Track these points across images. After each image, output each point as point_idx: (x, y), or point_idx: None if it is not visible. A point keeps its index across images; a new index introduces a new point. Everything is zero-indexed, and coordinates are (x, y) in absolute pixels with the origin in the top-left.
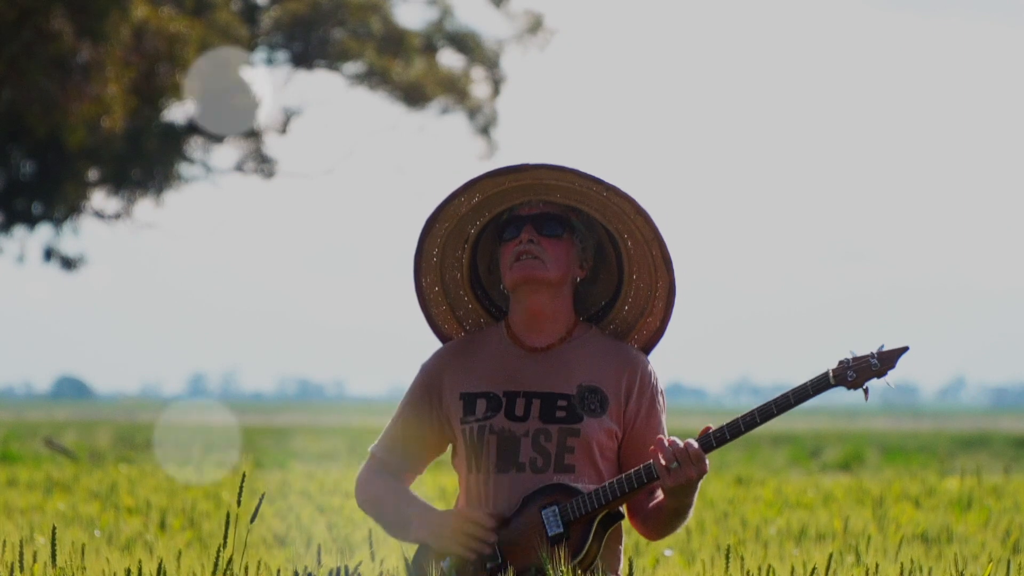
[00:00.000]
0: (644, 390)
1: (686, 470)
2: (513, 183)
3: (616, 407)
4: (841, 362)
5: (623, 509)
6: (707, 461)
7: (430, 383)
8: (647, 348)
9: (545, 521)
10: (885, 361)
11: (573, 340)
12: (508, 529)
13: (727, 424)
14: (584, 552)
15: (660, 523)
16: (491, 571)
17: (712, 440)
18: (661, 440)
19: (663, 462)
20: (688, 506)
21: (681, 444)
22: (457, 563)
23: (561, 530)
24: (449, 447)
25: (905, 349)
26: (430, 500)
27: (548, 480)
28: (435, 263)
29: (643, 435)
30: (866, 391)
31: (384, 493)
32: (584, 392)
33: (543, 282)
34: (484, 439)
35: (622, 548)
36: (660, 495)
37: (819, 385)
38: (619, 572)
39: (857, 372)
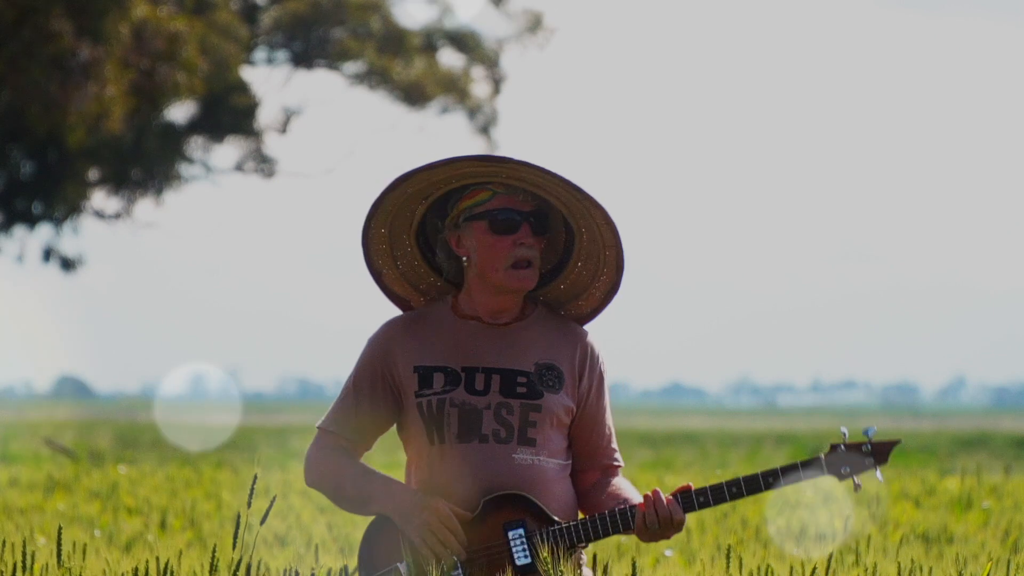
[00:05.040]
0: (594, 367)
1: (665, 532)
2: (492, 167)
3: (571, 384)
4: (834, 447)
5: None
6: (684, 518)
7: (381, 356)
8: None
9: (512, 546)
10: (879, 457)
11: (527, 318)
12: (472, 540)
13: (711, 487)
14: None
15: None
16: None
17: (695, 504)
18: (648, 499)
19: (646, 524)
20: None
21: (665, 504)
22: (415, 568)
23: (529, 561)
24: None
25: (897, 442)
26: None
27: (512, 451)
28: (388, 210)
29: (594, 411)
30: (857, 484)
31: (342, 467)
32: (541, 369)
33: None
34: (444, 411)
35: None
36: (618, 495)
37: (810, 471)
38: (582, 564)
39: (851, 467)
